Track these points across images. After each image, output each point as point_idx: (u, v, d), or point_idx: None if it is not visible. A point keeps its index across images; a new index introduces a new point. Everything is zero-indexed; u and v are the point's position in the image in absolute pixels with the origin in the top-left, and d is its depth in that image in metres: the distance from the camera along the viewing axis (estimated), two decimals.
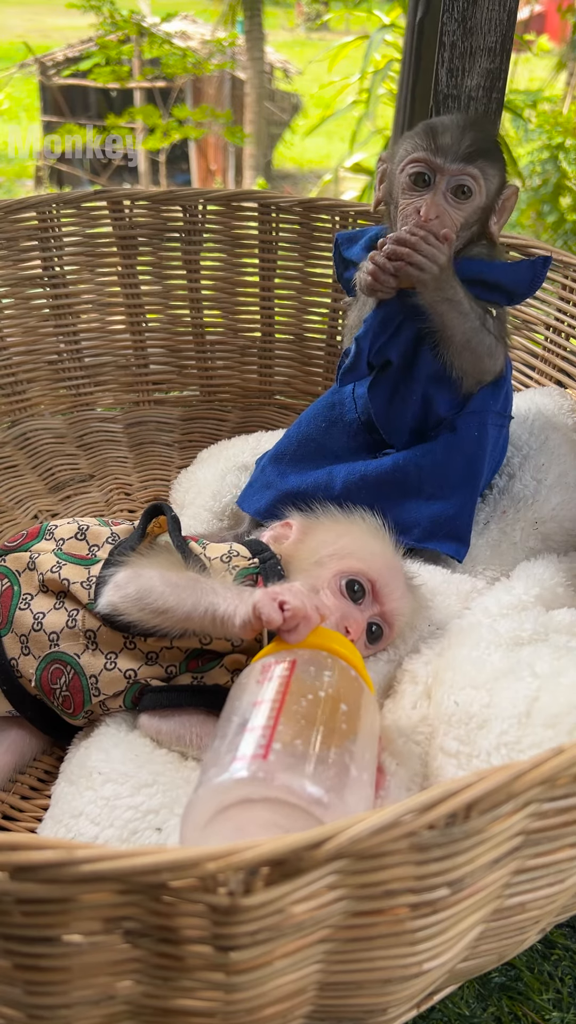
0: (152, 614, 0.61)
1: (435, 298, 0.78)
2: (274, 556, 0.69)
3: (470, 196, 0.78)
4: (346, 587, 0.66)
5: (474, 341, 0.80)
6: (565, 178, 3.48)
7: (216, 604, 0.59)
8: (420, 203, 0.78)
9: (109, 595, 0.63)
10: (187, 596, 0.60)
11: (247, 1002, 0.38)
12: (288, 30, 9.72)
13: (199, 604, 0.60)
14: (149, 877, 0.32)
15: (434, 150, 0.77)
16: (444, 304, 0.78)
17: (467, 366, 0.81)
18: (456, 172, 0.77)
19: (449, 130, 0.78)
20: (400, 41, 2.71)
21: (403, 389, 0.84)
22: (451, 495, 0.82)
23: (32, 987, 0.36)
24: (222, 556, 0.69)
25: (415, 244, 0.75)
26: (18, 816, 0.69)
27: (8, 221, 1.08)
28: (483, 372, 0.82)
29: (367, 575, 0.66)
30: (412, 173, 0.79)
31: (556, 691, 0.57)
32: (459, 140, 0.77)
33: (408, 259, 0.75)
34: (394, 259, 0.76)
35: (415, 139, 0.79)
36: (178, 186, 3.34)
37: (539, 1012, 0.59)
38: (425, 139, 0.78)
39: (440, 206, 0.78)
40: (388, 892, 0.36)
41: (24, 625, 0.67)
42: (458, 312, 0.78)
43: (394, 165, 0.82)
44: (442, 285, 0.77)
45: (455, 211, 0.79)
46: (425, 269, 0.75)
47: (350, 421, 0.87)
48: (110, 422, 1.19)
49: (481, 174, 0.78)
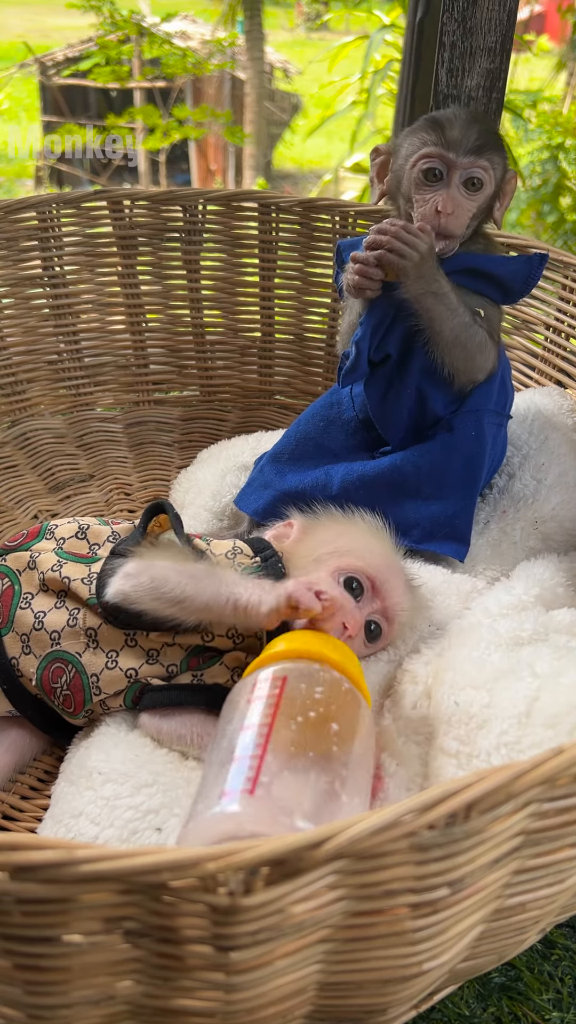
0: (167, 603, 0.60)
1: (420, 290, 0.78)
2: (276, 555, 0.69)
3: (481, 187, 0.80)
4: (344, 584, 0.65)
5: (464, 336, 0.80)
6: (565, 178, 3.48)
7: (238, 593, 0.59)
8: (436, 198, 0.79)
9: (119, 584, 0.62)
10: (205, 585, 0.60)
11: (247, 1002, 0.38)
12: (288, 30, 9.72)
13: (220, 593, 0.60)
14: (149, 877, 0.32)
15: (445, 144, 0.78)
16: (430, 298, 0.78)
17: (459, 363, 0.81)
18: (468, 165, 0.79)
19: (457, 124, 0.78)
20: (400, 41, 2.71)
21: (397, 384, 0.84)
22: (450, 495, 0.82)
23: (32, 987, 0.36)
24: (226, 553, 0.70)
25: (395, 233, 0.77)
26: (18, 816, 0.69)
27: (8, 221, 1.08)
28: (475, 369, 0.82)
29: (365, 572, 0.66)
30: (424, 169, 0.79)
31: (556, 691, 0.57)
32: (468, 133, 0.78)
33: (388, 246, 0.77)
34: (375, 248, 0.77)
35: (422, 134, 0.80)
36: (178, 186, 3.34)
37: (539, 1012, 0.59)
38: (434, 134, 0.79)
39: (456, 200, 0.79)
40: (388, 892, 0.36)
41: (25, 624, 0.67)
42: (445, 306, 0.79)
43: (401, 160, 0.82)
44: (425, 275, 0.77)
45: (468, 203, 0.80)
46: (406, 256, 0.76)
47: (348, 420, 0.88)
48: (110, 422, 1.19)
49: (491, 165, 0.79)
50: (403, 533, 0.79)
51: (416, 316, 0.80)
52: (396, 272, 0.78)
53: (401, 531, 0.79)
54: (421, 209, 0.80)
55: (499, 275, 0.82)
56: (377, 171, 0.86)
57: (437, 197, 0.79)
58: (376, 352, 0.83)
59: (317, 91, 4.95)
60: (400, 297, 0.79)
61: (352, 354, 0.84)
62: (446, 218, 0.78)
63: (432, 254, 0.78)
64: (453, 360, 0.81)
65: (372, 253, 0.78)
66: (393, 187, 0.84)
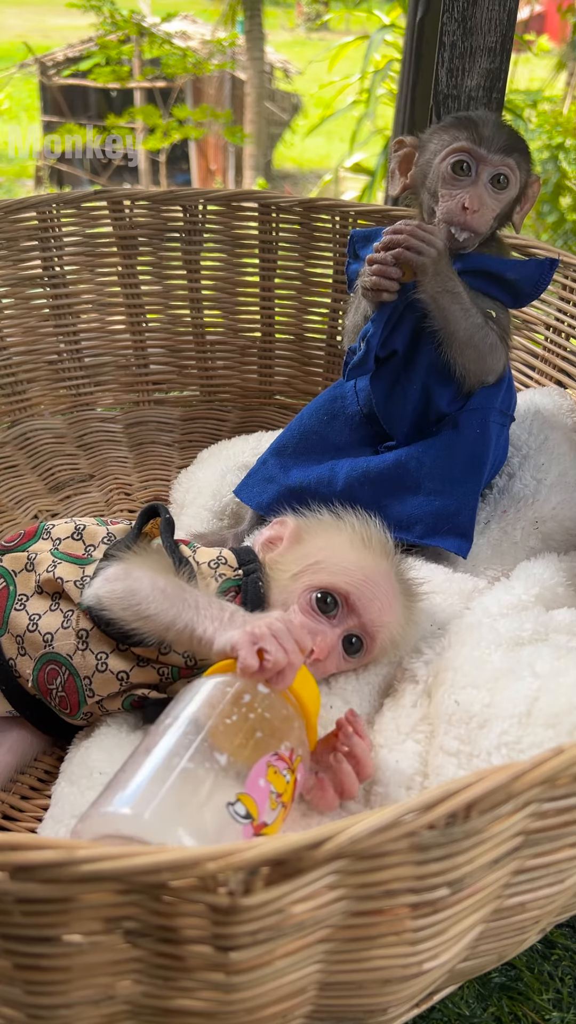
0: (134, 616, 0.60)
1: (436, 289, 0.79)
2: (258, 570, 0.69)
3: (507, 187, 0.81)
4: (317, 601, 0.65)
5: (477, 337, 0.80)
6: (565, 178, 3.48)
7: (195, 622, 0.58)
8: (463, 195, 0.80)
9: (96, 587, 0.62)
10: (170, 606, 0.59)
11: (247, 1002, 0.38)
12: (288, 30, 9.72)
13: (180, 617, 0.59)
14: (149, 877, 0.32)
15: (477, 140, 0.79)
16: (446, 296, 0.79)
17: (470, 364, 0.82)
18: (498, 163, 0.80)
19: (488, 123, 0.80)
20: (400, 41, 2.70)
21: (403, 380, 0.84)
22: (453, 491, 0.82)
23: (32, 987, 0.36)
24: (210, 562, 0.69)
25: (411, 231, 0.78)
26: (18, 816, 0.69)
27: (8, 221, 1.08)
28: (486, 371, 0.83)
29: (338, 589, 0.65)
30: (454, 162, 0.80)
31: (556, 691, 0.57)
32: (498, 133, 0.80)
33: (406, 244, 0.77)
34: (392, 248, 0.78)
35: (454, 131, 0.81)
36: (178, 186, 3.34)
37: (539, 1012, 0.59)
38: (466, 130, 0.80)
39: (482, 197, 0.80)
40: (388, 892, 0.36)
41: (19, 626, 0.67)
42: (460, 306, 0.79)
43: (428, 155, 0.83)
44: (441, 273, 0.78)
45: (493, 201, 0.81)
46: (424, 252, 0.77)
47: (352, 414, 0.88)
48: (110, 422, 1.19)
49: (516, 166, 0.81)
50: (406, 529, 0.80)
51: (430, 316, 0.80)
52: (414, 270, 0.78)
53: (404, 527, 0.79)
54: (447, 204, 0.80)
55: (510, 278, 0.83)
56: (399, 164, 0.87)
57: (464, 194, 0.80)
58: (383, 348, 0.83)
59: (317, 91, 4.95)
60: (415, 297, 0.79)
61: (361, 349, 0.84)
62: (472, 215, 0.79)
63: (447, 253, 0.79)
64: (465, 361, 0.81)
65: (390, 252, 0.78)
66: (418, 181, 0.85)
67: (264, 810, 0.49)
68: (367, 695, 0.68)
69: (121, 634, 0.63)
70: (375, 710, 0.68)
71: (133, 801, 0.46)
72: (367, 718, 0.67)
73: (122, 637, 0.64)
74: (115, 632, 0.64)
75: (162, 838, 0.44)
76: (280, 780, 0.50)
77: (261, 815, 0.48)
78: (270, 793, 0.49)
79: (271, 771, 0.50)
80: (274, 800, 0.50)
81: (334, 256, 1.17)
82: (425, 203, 0.84)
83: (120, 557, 0.65)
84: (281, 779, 0.51)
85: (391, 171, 0.89)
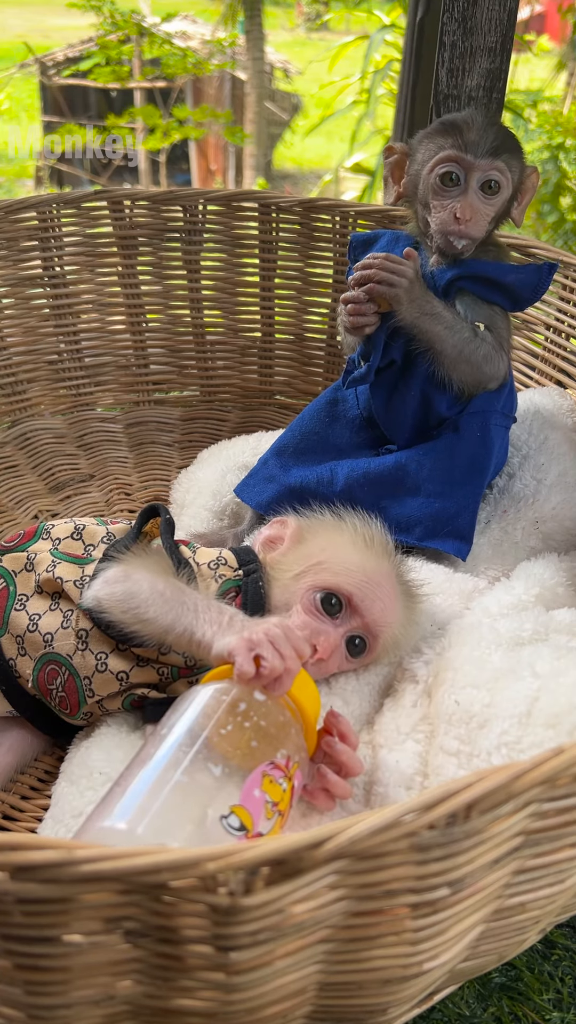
0: (133, 619, 0.60)
1: (415, 313, 0.79)
2: (258, 570, 0.69)
3: (499, 191, 0.80)
4: (321, 602, 0.65)
5: (467, 351, 0.80)
6: (565, 178, 3.48)
7: (194, 626, 0.58)
8: (454, 205, 0.79)
9: (96, 589, 0.62)
10: (168, 609, 0.59)
11: (247, 1002, 0.38)
12: (288, 30, 9.72)
13: (178, 621, 0.58)
14: (149, 877, 0.32)
15: (462, 147, 0.78)
16: (426, 319, 0.79)
17: (466, 377, 0.82)
18: (486, 168, 0.79)
19: (473, 126, 0.79)
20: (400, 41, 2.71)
21: (402, 387, 0.84)
22: (453, 494, 0.82)
23: (32, 987, 0.36)
24: (210, 563, 0.69)
25: (379, 264, 0.78)
26: (18, 816, 0.69)
27: (8, 221, 1.08)
28: (484, 380, 0.83)
29: (341, 589, 0.65)
30: (442, 173, 0.79)
31: (556, 691, 0.57)
32: (485, 135, 0.79)
33: (376, 278, 0.78)
34: (363, 284, 0.78)
35: (439, 139, 0.80)
36: (178, 186, 3.35)
37: (539, 1012, 0.59)
38: (451, 137, 0.79)
39: (474, 205, 0.79)
40: (388, 892, 0.36)
41: (19, 626, 0.67)
42: (443, 325, 0.80)
43: (417, 165, 0.82)
44: (416, 299, 0.79)
45: (486, 207, 0.80)
46: (395, 284, 0.78)
47: (352, 417, 0.88)
48: (110, 422, 1.19)
49: (507, 167, 0.80)
50: (405, 530, 0.79)
51: (416, 340, 0.80)
52: (388, 301, 0.79)
53: (403, 528, 0.79)
54: (439, 215, 0.80)
55: (508, 284, 0.82)
56: (392, 171, 0.87)
57: (455, 204, 0.79)
58: (382, 360, 0.83)
59: (317, 91, 4.95)
60: (397, 325, 0.80)
61: (360, 368, 0.84)
62: (465, 224, 0.79)
63: (420, 278, 0.79)
64: (460, 375, 0.82)
65: (361, 288, 0.79)
66: (410, 191, 0.85)
67: (259, 821, 0.48)
68: (367, 695, 0.68)
69: (121, 635, 0.63)
70: (375, 710, 0.68)
71: (128, 816, 0.46)
72: (367, 718, 0.67)
73: (122, 638, 0.64)
74: (115, 633, 0.64)
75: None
76: (276, 789, 0.50)
77: (256, 826, 0.48)
78: (265, 803, 0.49)
79: (266, 780, 0.50)
80: (270, 809, 0.49)
81: (334, 256, 1.17)
82: (419, 213, 0.84)
83: (120, 558, 0.65)
84: (277, 788, 0.50)
85: (384, 179, 0.88)
